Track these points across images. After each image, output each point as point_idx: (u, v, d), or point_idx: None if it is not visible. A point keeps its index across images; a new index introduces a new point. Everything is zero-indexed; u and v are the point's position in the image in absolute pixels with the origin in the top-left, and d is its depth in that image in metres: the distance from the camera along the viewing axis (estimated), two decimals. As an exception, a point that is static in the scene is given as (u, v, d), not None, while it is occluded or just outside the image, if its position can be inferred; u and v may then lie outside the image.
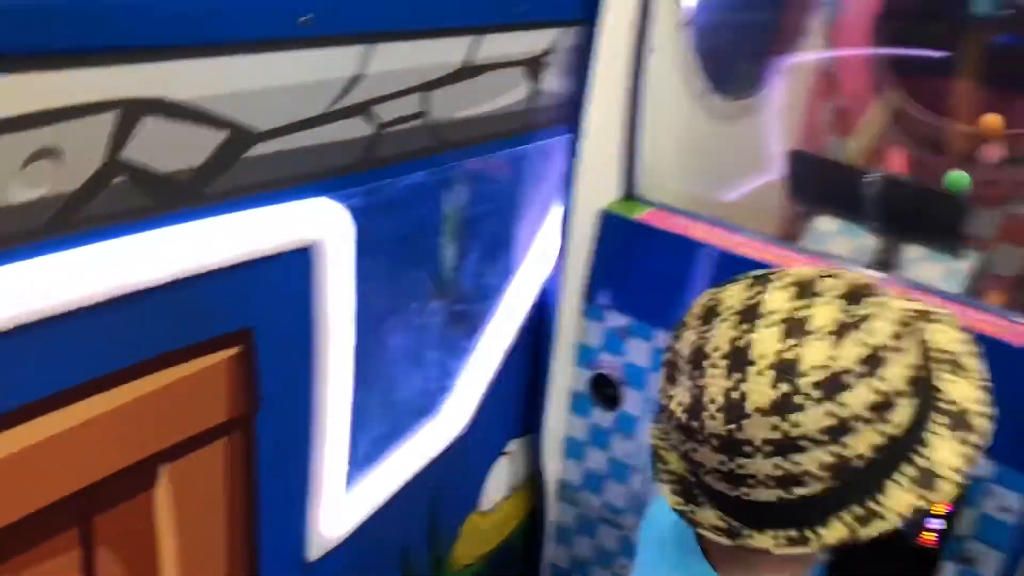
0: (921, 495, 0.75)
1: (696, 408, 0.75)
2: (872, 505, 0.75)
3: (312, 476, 1.32)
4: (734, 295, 0.78)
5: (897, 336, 0.74)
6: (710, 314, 0.78)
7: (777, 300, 0.75)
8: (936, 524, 1.43)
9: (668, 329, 1.32)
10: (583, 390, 1.83)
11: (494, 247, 1.69)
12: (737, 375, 0.73)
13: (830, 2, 2.31)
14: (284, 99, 1.10)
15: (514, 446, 1.89)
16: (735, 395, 0.73)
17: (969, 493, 1.42)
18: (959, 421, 0.77)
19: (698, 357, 0.76)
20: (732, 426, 0.73)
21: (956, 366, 0.81)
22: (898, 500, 0.75)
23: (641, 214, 1.74)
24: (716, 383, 0.74)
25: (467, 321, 1.67)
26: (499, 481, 1.88)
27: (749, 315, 0.75)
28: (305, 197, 1.17)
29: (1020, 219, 2.20)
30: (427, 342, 1.54)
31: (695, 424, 0.76)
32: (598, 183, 1.73)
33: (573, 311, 1.78)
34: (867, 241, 1.89)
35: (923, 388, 0.77)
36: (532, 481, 1.96)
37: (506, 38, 1.43)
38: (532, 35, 1.49)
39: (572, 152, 1.63)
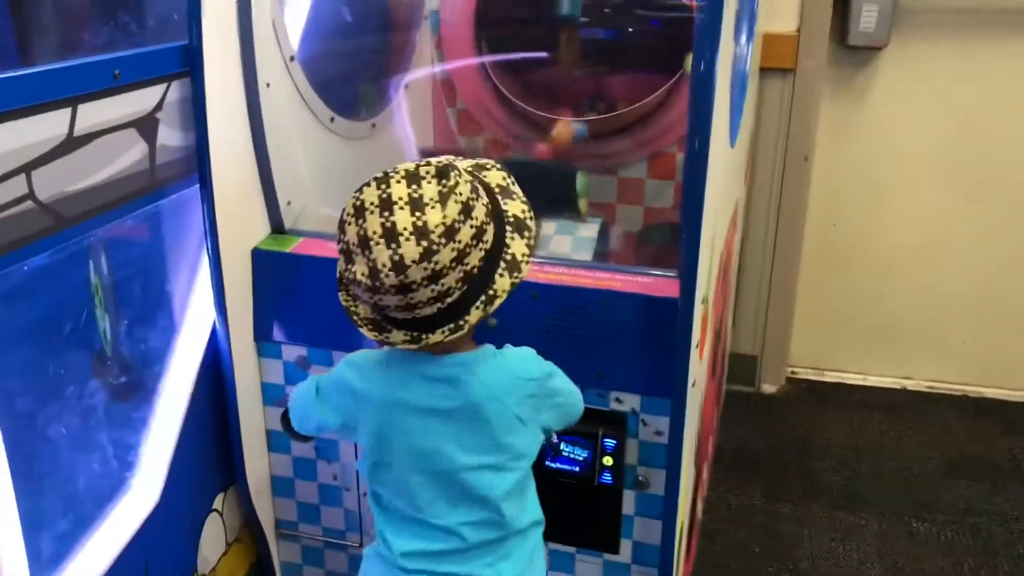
0: (514, 275, 1.18)
1: (375, 272, 1.10)
2: (490, 292, 1.16)
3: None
4: (371, 194, 1.11)
5: (474, 190, 1.14)
6: (360, 210, 1.11)
7: (398, 191, 1.10)
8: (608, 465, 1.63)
9: (346, 349, 1.40)
10: (276, 428, 1.84)
11: (150, 309, 1.65)
12: (393, 245, 1.08)
13: (431, 18, 2.48)
14: None
15: (221, 499, 1.86)
16: (396, 257, 1.08)
17: (629, 427, 1.62)
18: (519, 226, 1.20)
19: (364, 241, 1.10)
20: (401, 276, 1.09)
21: (506, 193, 1.23)
22: (502, 283, 1.17)
23: (292, 246, 1.78)
24: (383, 253, 1.09)
25: (137, 390, 1.63)
26: (214, 538, 1.84)
27: (386, 205, 1.10)
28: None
29: (631, 183, 2.51)
30: (96, 423, 1.48)
31: (376, 283, 1.10)
32: (243, 224, 1.74)
33: (247, 353, 1.78)
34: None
35: (496, 214, 1.18)
36: (249, 529, 1.94)
37: (109, 103, 1.41)
38: (137, 95, 1.48)
39: (207, 199, 1.63)
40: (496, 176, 1.24)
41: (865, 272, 2.97)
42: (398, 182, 1.11)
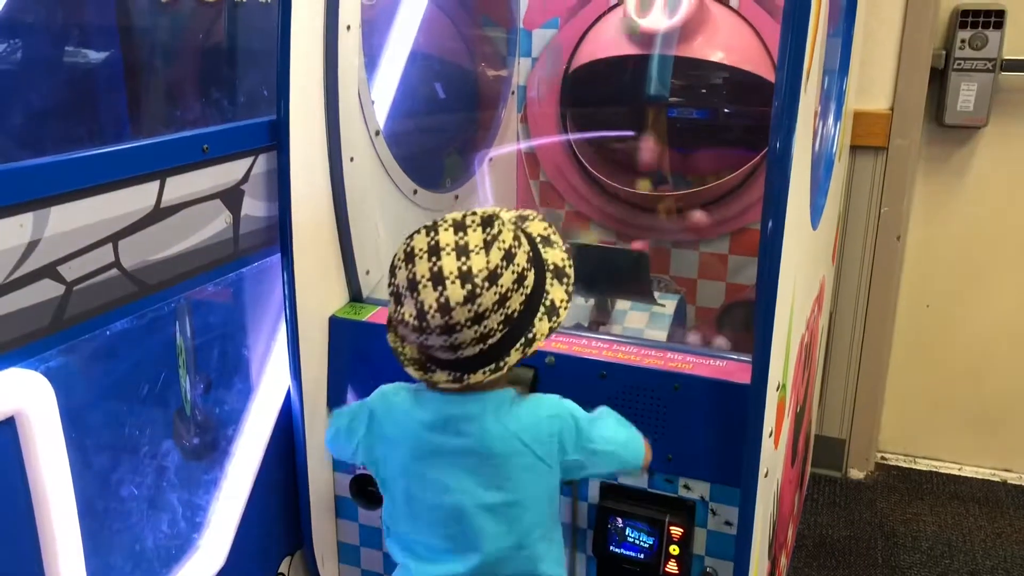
0: (552, 320, 1.24)
1: (421, 313, 1.15)
2: (529, 335, 1.22)
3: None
4: (421, 241, 1.18)
5: (516, 238, 1.20)
6: (410, 256, 1.18)
7: (445, 238, 1.17)
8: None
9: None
10: (345, 494, 1.86)
11: (228, 372, 1.70)
12: (440, 287, 1.15)
13: (518, 92, 2.53)
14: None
15: (287, 563, 1.87)
16: (442, 300, 1.14)
17: (697, 516, 1.58)
18: (558, 273, 1.26)
19: (412, 284, 1.16)
20: (447, 317, 1.15)
21: (547, 242, 1.28)
22: (541, 327, 1.23)
23: (369, 314, 1.81)
24: (429, 296, 1.15)
25: (211, 451, 1.66)
26: (279, 603, 1.85)
27: (434, 251, 1.16)
28: (-3, 369, 1.15)
29: (713, 257, 2.48)
30: (168, 484, 1.51)
31: (423, 324, 1.16)
32: (322, 292, 1.78)
33: (319, 419, 1.81)
34: (580, 302, 2.06)
35: (536, 261, 1.24)
36: (314, 594, 1.95)
37: (197, 175, 1.47)
38: (225, 167, 1.54)
39: (288, 268, 1.68)
40: (538, 226, 1.30)
41: (961, 356, 2.84)
42: (446, 230, 1.18)
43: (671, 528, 1.57)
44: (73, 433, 1.25)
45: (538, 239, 1.28)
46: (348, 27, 1.72)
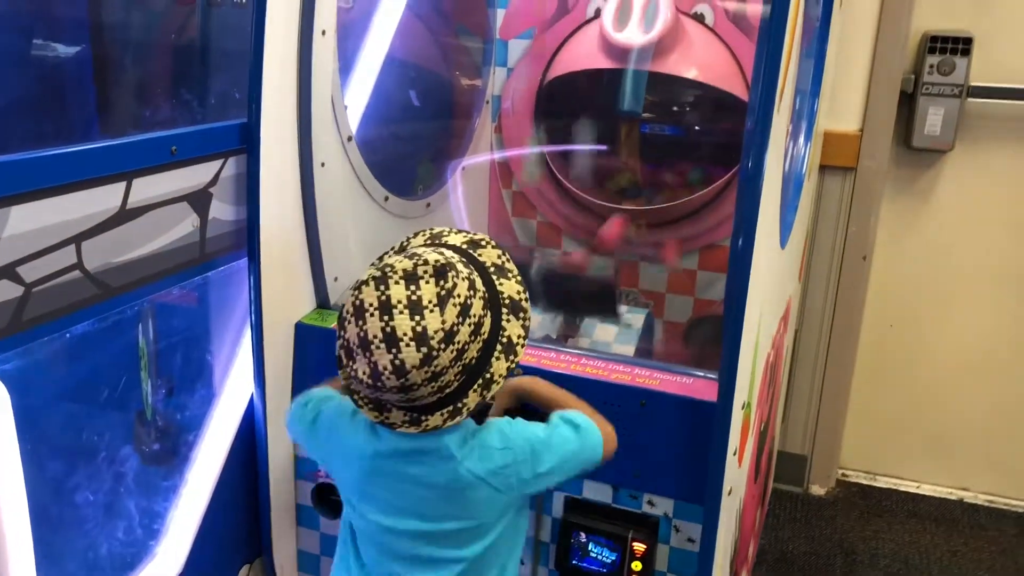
0: (510, 359, 1.20)
1: (376, 374, 1.11)
2: (487, 376, 1.18)
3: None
4: (370, 295, 1.12)
5: (471, 286, 1.15)
6: (360, 312, 1.12)
7: (397, 293, 1.11)
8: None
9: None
10: (307, 503, 1.83)
11: (191, 378, 1.67)
12: (394, 350, 1.10)
13: (492, 102, 2.52)
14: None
15: (246, 572, 1.85)
16: (397, 362, 1.10)
17: (661, 532, 1.58)
18: (514, 307, 1.22)
19: (364, 343, 1.11)
20: (402, 380, 1.11)
21: (501, 272, 1.23)
22: (499, 367, 1.19)
23: (335, 322, 1.79)
24: (383, 357, 1.10)
25: (171, 458, 1.64)
26: (236, 611, 1.83)
27: (385, 308, 1.11)
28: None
29: (682, 273, 2.49)
30: (125, 490, 1.49)
31: (379, 384, 1.12)
32: (288, 298, 1.76)
33: (282, 426, 1.77)
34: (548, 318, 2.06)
35: (492, 301, 1.19)
36: (272, 603, 1.92)
37: (164, 177, 1.45)
38: (193, 170, 1.52)
39: (254, 272, 1.66)
40: (491, 254, 1.25)
41: (923, 376, 2.87)
42: (396, 283, 1.12)
43: (634, 544, 1.56)
44: (28, 437, 1.22)
45: (492, 268, 1.23)
46: (323, 32, 1.71)
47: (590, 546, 1.59)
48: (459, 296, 1.13)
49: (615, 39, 2.23)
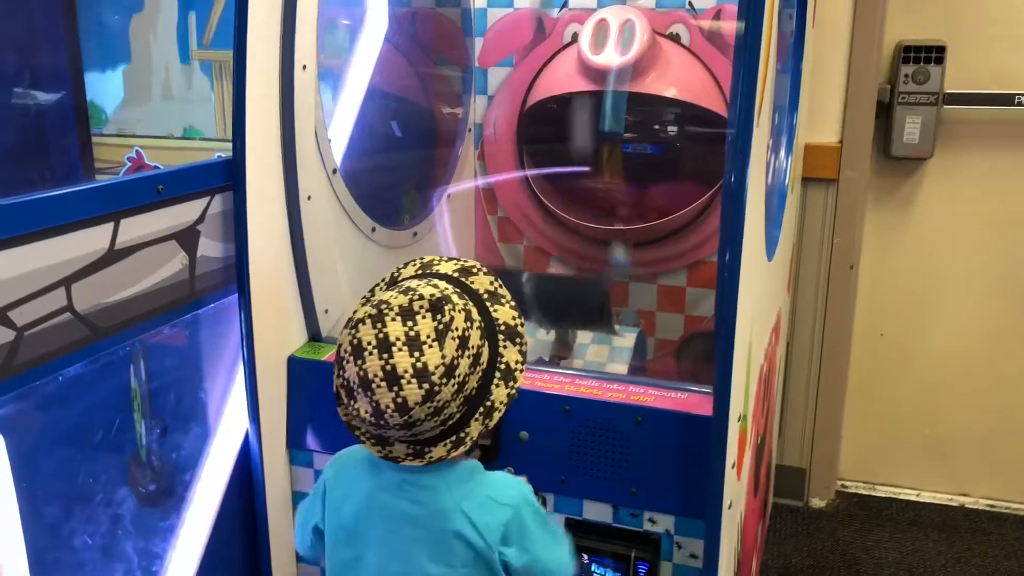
0: (509, 385, 1.20)
1: (378, 412, 1.11)
2: (488, 405, 1.18)
3: None
4: (368, 333, 1.12)
5: (468, 318, 1.15)
6: (358, 351, 1.12)
7: (394, 330, 1.11)
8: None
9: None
10: (306, 538, 1.82)
11: (184, 416, 1.67)
12: (396, 388, 1.10)
13: (475, 130, 2.54)
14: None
15: (247, 612, 1.83)
16: (399, 400, 1.10)
17: (663, 549, 1.57)
18: (510, 334, 1.22)
19: (365, 382, 1.11)
20: (405, 418, 1.11)
21: (495, 298, 1.23)
22: (499, 394, 1.19)
23: (328, 354, 1.79)
24: (385, 396, 1.10)
25: (167, 498, 1.62)
26: (239, 652, 1.80)
27: (384, 346, 1.10)
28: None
29: (671, 291, 2.50)
30: (123, 532, 1.47)
31: (382, 422, 1.12)
32: (280, 332, 1.76)
33: (279, 462, 1.78)
34: (542, 336, 2.06)
35: (489, 330, 1.19)
36: (275, 642, 1.90)
37: (151, 216, 1.46)
38: (180, 208, 1.52)
39: (245, 308, 1.66)
40: (483, 281, 1.24)
41: (916, 383, 2.88)
42: (393, 320, 1.11)
43: (638, 563, 1.56)
44: (24, 481, 1.21)
45: (485, 296, 1.23)
46: (304, 67, 1.72)
47: (593, 567, 1.58)
48: (457, 329, 1.13)
49: (593, 62, 2.26)
